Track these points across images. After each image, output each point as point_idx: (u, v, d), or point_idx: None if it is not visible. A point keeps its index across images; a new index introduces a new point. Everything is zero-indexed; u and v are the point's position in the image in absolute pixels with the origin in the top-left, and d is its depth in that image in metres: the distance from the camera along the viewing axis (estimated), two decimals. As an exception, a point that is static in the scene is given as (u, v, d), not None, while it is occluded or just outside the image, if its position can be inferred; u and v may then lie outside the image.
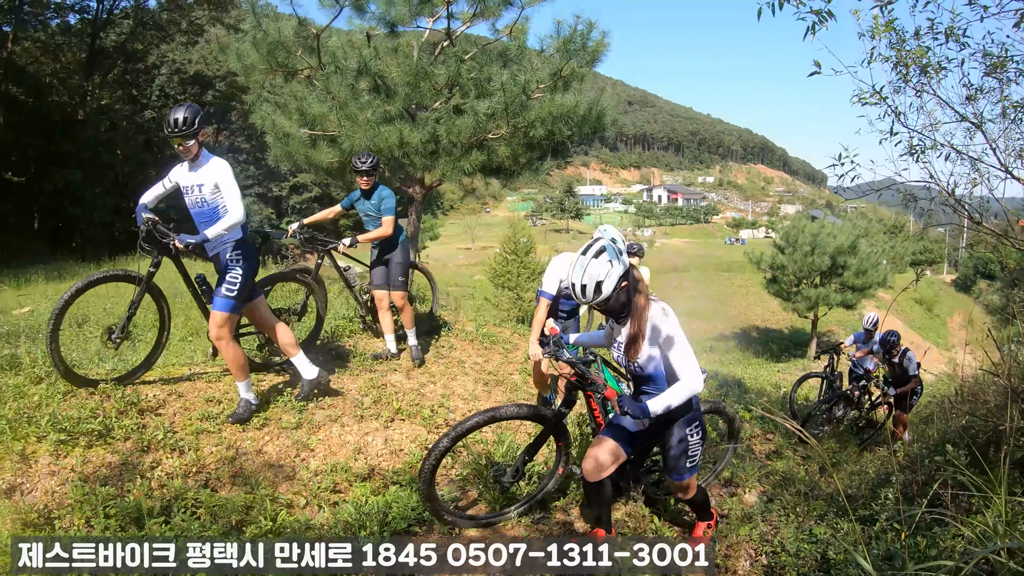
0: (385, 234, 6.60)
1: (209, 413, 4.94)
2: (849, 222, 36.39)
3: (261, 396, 5.31)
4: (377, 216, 6.64)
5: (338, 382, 5.98)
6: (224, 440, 4.71)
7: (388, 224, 6.60)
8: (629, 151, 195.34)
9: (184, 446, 4.50)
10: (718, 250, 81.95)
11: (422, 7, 8.51)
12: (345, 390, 5.84)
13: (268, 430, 4.97)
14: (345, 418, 5.37)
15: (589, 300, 3.30)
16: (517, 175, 9.72)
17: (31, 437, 4.20)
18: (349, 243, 6.62)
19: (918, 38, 3.91)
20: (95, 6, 32.74)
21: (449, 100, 8.57)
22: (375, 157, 6.54)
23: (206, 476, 4.28)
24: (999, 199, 4.00)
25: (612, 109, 9.02)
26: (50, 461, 4.06)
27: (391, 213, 6.59)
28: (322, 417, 5.32)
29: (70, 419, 4.37)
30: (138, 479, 4.04)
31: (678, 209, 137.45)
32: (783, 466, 6.53)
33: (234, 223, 4.74)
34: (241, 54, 8.59)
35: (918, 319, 48.09)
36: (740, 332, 38.21)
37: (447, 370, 7.02)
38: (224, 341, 4.89)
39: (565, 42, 8.45)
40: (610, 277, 3.29)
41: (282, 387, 5.62)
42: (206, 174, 4.79)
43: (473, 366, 7.33)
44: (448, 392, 6.49)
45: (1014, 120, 3.91)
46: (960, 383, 5.21)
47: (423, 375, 6.73)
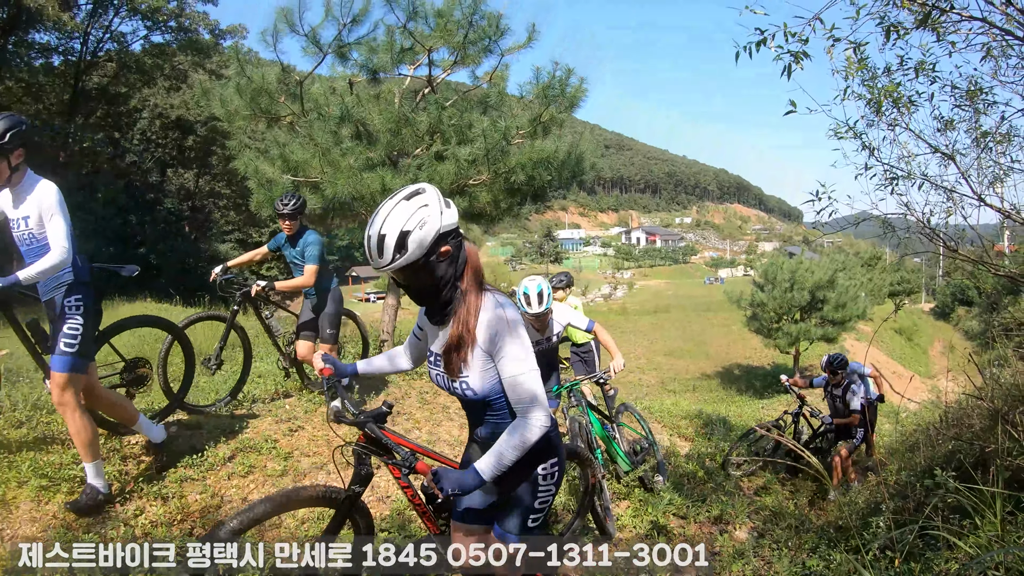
0: (305, 284, 6.12)
1: (193, 461, 4.86)
2: (827, 257, 36.82)
3: (242, 443, 5.24)
4: (301, 264, 6.16)
5: (323, 429, 5.91)
6: (208, 488, 4.65)
7: (309, 274, 6.09)
8: (607, 194, 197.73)
9: (168, 493, 4.44)
10: (698, 290, 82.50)
11: (403, 55, 8.64)
12: (330, 438, 5.78)
13: (253, 478, 4.92)
14: (331, 465, 5.31)
15: (385, 264, 2.30)
16: (498, 220, 9.73)
17: (12, 482, 4.11)
18: (264, 285, 6.09)
19: (889, 74, 4.05)
20: (79, 48, 33.04)
21: (431, 146, 8.64)
22: (300, 198, 6.15)
23: (191, 524, 4.22)
24: (973, 226, 4.11)
25: (591, 153, 9.11)
26: (32, 507, 3.98)
27: (314, 261, 6.09)
28: (307, 465, 5.27)
29: (51, 464, 4.29)
30: (121, 527, 3.97)
31: (657, 250, 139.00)
32: (772, 501, 6.53)
33: (55, 264, 3.78)
34: (224, 99, 8.63)
35: (899, 349, 48.51)
36: (722, 370, 38.25)
37: (432, 416, 6.98)
38: (69, 409, 3.90)
39: (544, 88, 8.57)
40: (422, 229, 2.28)
41: (271, 434, 5.56)
42: (32, 203, 3.85)
43: (458, 411, 7.27)
44: (434, 438, 6.45)
45: (984, 149, 4.05)
46: (944, 409, 5.25)
47: (408, 421, 6.68)
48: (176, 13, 34.55)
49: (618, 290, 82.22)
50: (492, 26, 8.33)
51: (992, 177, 4.03)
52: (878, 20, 3.75)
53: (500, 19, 8.33)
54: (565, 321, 5.69)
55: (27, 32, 30.37)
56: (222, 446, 5.13)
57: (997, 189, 3.99)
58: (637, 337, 47.72)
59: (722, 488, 6.67)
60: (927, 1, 3.51)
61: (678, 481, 6.57)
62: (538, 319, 5.39)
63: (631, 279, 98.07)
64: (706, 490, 6.50)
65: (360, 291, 68.25)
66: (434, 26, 8.46)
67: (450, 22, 8.33)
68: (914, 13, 3.60)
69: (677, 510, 5.81)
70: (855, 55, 3.93)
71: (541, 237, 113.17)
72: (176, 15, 34.62)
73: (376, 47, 8.58)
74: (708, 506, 5.99)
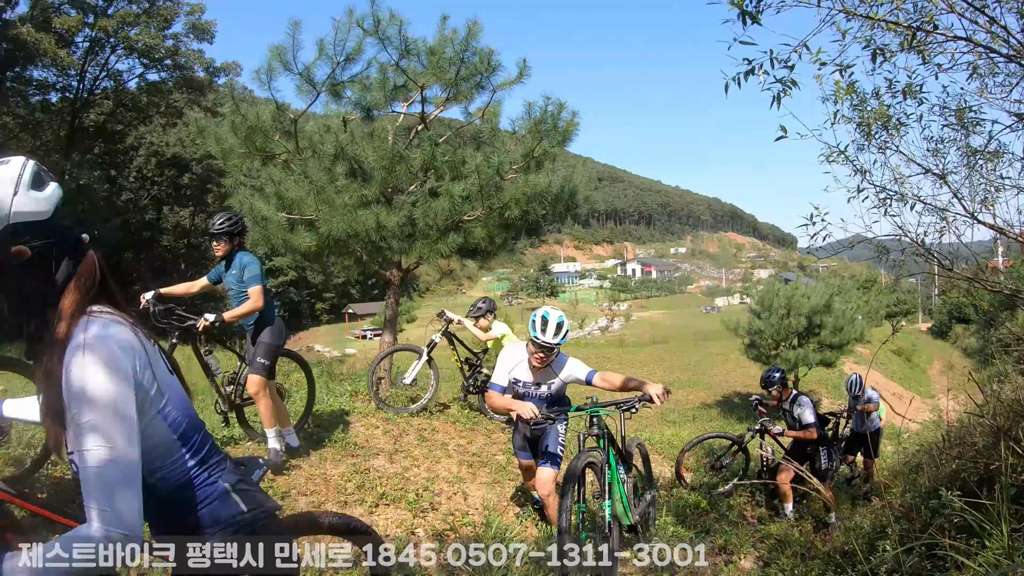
0: (255, 307, 5.51)
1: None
2: (822, 281, 36.88)
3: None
4: (241, 290, 5.55)
5: (320, 467, 5.86)
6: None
7: (256, 295, 5.49)
8: (601, 227, 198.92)
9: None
10: (694, 319, 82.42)
11: (397, 92, 8.72)
12: (327, 476, 5.73)
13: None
14: (328, 504, 5.27)
15: None
16: (493, 255, 9.73)
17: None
18: (213, 319, 5.39)
19: (877, 98, 4.11)
20: (76, 85, 33.42)
21: (425, 183, 8.68)
22: (234, 217, 5.73)
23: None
24: (967, 244, 4.14)
25: (584, 186, 9.15)
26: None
27: (257, 283, 5.52)
28: (304, 504, 5.21)
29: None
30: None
31: (652, 281, 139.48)
32: (777, 529, 6.47)
33: None
34: (219, 137, 8.68)
35: (898, 370, 48.36)
36: (722, 399, 38.02)
37: (430, 453, 6.92)
38: None
39: (536, 123, 8.62)
40: None
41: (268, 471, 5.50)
42: None
43: (456, 448, 7.23)
44: (432, 475, 6.38)
45: (975, 168, 4.09)
46: (946, 429, 5.23)
47: (406, 459, 6.61)
48: (172, 51, 35.22)
49: (615, 322, 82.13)
50: (484, 62, 8.43)
51: (984, 195, 4.06)
52: (864, 43, 3.81)
53: (492, 55, 8.42)
54: (569, 377, 5.06)
55: (25, 68, 30.77)
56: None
57: (989, 206, 4.03)
58: (636, 368, 47.41)
59: (726, 518, 6.61)
60: (912, 23, 3.57)
61: (681, 512, 6.50)
62: (541, 352, 4.85)
63: (628, 311, 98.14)
64: (709, 520, 6.43)
65: (357, 328, 68.01)
66: (427, 63, 8.56)
67: (442, 59, 8.42)
68: (899, 35, 3.65)
69: (681, 541, 5.75)
70: (843, 77, 3.98)
71: (537, 271, 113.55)
72: (172, 53, 35.29)
73: (369, 85, 8.67)
74: (712, 536, 5.94)
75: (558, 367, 5.04)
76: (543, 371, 5.03)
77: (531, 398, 5.06)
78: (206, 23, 36.02)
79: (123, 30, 32.72)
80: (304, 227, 8.53)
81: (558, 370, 5.04)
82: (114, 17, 31.77)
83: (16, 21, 28.64)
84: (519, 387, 5.12)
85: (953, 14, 3.57)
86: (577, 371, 5.00)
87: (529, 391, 5.12)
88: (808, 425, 7.56)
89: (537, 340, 4.78)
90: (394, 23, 8.21)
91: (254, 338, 5.71)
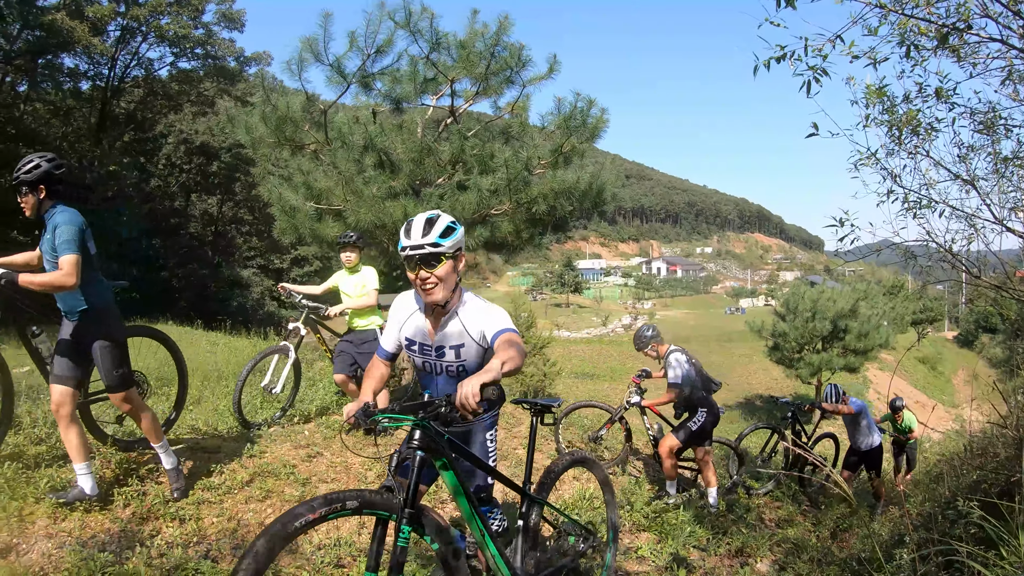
0: (62, 283, 3.86)
1: (211, 483, 4.89)
2: (848, 286, 36.60)
3: (260, 468, 5.27)
4: (54, 259, 3.97)
5: (341, 456, 5.94)
6: (226, 511, 4.66)
7: (69, 266, 3.85)
8: (627, 224, 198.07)
9: (185, 515, 4.45)
10: (719, 320, 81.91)
11: (427, 85, 8.74)
12: (349, 464, 5.80)
13: (271, 502, 4.93)
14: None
15: None
16: (519, 250, 9.76)
17: (29, 498, 4.14)
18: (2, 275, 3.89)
19: (908, 102, 4.07)
20: (107, 73, 33.86)
21: (453, 176, 8.73)
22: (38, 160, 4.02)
23: (207, 547, 4.21)
24: (996, 252, 4.10)
25: (612, 183, 9.06)
26: (48, 523, 4.01)
27: (70, 249, 3.89)
28: (325, 491, 5.28)
29: (69, 482, 4.31)
30: (137, 547, 3.97)
31: (677, 280, 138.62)
32: (794, 533, 6.44)
33: None
34: (250, 127, 8.76)
35: (922, 379, 47.84)
36: (744, 401, 37.83)
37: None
38: None
39: (565, 119, 8.60)
40: None
41: (289, 459, 5.58)
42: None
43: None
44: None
45: (1005, 175, 4.04)
46: (969, 439, 5.18)
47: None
48: (203, 40, 35.51)
49: (639, 320, 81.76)
50: (514, 57, 8.42)
51: (1013, 202, 4.02)
52: (899, 40, 3.76)
53: (522, 50, 8.40)
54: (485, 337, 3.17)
55: (57, 56, 31.19)
56: (240, 470, 5.14)
57: (1018, 214, 3.98)
58: (657, 367, 47.15)
59: (743, 520, 6.58)
60: (944, 23, 3.53)
61: (699, 513, 6.50)
62: (419, 271, 3.05)
63: (652, 309, 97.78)
64: (727, 522, 6.42)
65: (383, 318, 68.14)
66: (457, 57, 8.58)
67: (472, 53, 8.44)
68: (931, 38, 3.62)
69: (698, 542, 5.76)
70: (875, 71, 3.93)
71: (562, 267, 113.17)
72: (203, 42, 35.59)
73: (399, 77, 8.70)
74: (729, 538, 5.93)
75: (469, 320, 3.21)
76: (446, 325, 3.23)
77: (433, 371, 3.38)
78: (236, 12, 36.24)
79: (155, 19, 33.08)
80: (332, 217, 8.61)
81: (469, 325, 3.21)
82: (146, 6, 32.02)
83: (52, 8, 29.04)
84: (414, 352, 3.36)
85: (987, 18, 3.53)
86: (494, 325, 3.12)
87: (429, 359, 3.34)
88: (671, 385, 6.85)
89: (404, 251, 3.04)
90: (425, 16, 8.23)
91: (80, 337, 4.17)
